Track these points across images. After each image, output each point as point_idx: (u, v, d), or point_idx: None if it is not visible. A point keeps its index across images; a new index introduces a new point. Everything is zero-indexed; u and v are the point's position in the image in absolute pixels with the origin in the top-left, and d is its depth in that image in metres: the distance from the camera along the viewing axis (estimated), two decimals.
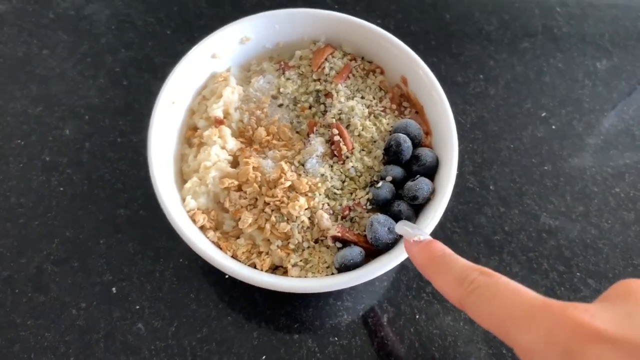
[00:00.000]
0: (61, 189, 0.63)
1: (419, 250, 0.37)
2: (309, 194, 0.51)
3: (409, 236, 0.40)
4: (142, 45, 0.72)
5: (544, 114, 0.71)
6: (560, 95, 0.72)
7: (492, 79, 0.73)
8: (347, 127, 0.55)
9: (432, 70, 0.56)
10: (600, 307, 0.25)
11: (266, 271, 0.50)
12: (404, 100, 0.59)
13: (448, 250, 0.36)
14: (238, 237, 0.53)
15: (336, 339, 0.57)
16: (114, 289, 0.59)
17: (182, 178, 0.56)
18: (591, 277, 0.62)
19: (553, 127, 0.70)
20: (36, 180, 0.64)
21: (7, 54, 0.71)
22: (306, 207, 0.51)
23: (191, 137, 0.57)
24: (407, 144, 0.53)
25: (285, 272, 0.51)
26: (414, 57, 0.56)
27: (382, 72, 0.60)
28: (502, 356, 0.57)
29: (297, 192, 0.51)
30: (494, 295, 0.29)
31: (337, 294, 0.59)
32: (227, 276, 0.54)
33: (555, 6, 0.79)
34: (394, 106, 0.58)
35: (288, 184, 0.51)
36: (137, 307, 0.58)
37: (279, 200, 0.51)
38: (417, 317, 0.59)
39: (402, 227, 0.43)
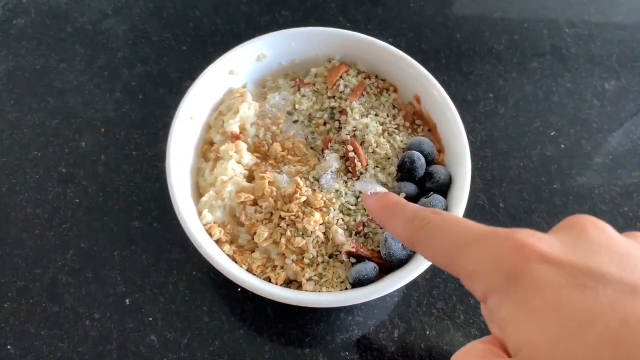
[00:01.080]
0: (77, 200, 0.64)
1: (376, 200, 0.37)
2: (324, 210, 0.52)
3: (367, 190, 0.41)
4: (158, 61, 0.73)
5: (553, 133, 0.72)
6: (569, 115, 0.73)
7: (502, 98, 0.74)
8: (362, 144, 0.56)
9: (443, 89, 0.57)
10: (548, 235, 0.25)
11: (281, 285, 0.51)
12: (417, 118, 0.60)
13: (402, 199, 0.37)
14: (253, 251, 0.53)
15: (347, 353, 0.57)
16: (127, 300, 0.59)
17: (198, 192, 0.57)
18: None
19: (562, 146, 0.71)
20: (52, 191, 0.65)
21: (26, 67, 0.72)
22: (321, 222, 0.51)
23: (207, 151, 0.58)
24: (421, 161, 0.53)
25: (299, 287, 0.52)
26: (427, 76, 0.57)
27: (395, 90, 0.61)
28: None
29: (312, 208, 0.52)
30: (443, 228, 0.29)
31: (349, 309, 0.59)
32: (239, 289, 0.55)
33: (564, 27, 0.80)
34: (408, 124, 0.59)
35: (304, 199, 0.52)
36: (151, 319, 0.58)
37: (295, 215, 0.51)
38: (427, 333, 0.59)
39: (362, 184, 0.44)
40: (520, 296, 0.23)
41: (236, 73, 0.59)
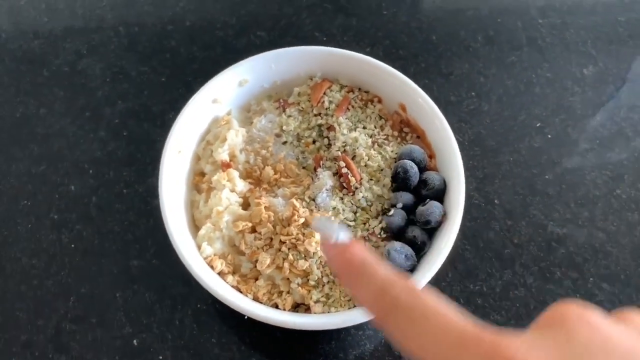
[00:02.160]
0: (72, 245, 0.63)
1: (337, 254, 0.31)
2: None
3: (326, 235, 0.33)
4: (139, 95, 0.73)
5: (538, 124, 0.72)
6: (551, 104, 0.74)
7: (484, 95, 0.74)
8: (353, 158, 0.56)
9: (425, 92, 0.57)
10: (535, 339, 0.22)
11: (289, 310, 0.50)
12: (404, 126, 0.60)
13: (369, 258, 0.30)
14: (257, 279, 0.53)
15: None
16: (135, 341, 0.58)
17: (194, 224, 0.56)
18: (605, 281, 0.63)
19: (549, 136, 0.72)
20: (46, 239, 0.64)
21: (5, 116, 0.72)
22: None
23: (199, 182, 0.58)
24: (413, 169, 0.54)
25: (307, 309, 0.52)
26: (410, 84, 0.58)
27: (380, 101, 0.61)
28: None
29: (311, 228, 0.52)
30: (422, 317, 0.25)
31: (358, 324, 0.59)
32: (246, 317, 0.54)
33: (537, 17, 0.81)
34: (396, 133, 0.59)
35: (302, 220, 0.52)
36: (160, 357, 0.57)
37: (295, 238, 0.51)
38: None
39: (318, 222, 0.37)
40: None
41: (219, 101, 0.59)
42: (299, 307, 0.52)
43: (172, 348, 0.58)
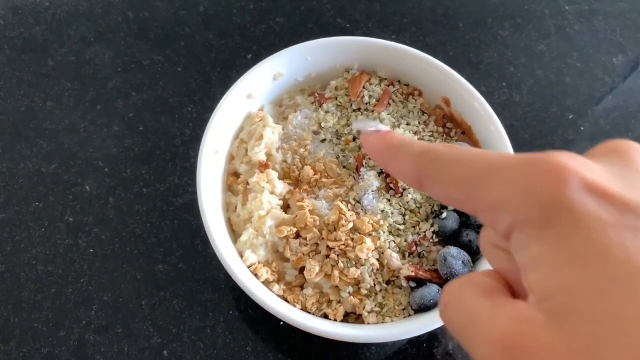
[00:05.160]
0: (91, 250, 0.59)
1: (377, 138, 0.30)
2: (373, 234, 0.49)
3: (366, 128, 0.32)
4: (153, 86, 0.68)
5: (571, 116, 0.70)
6: (583, 95, 0.72)
7: (514, 85, 0.72)
8: None
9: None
10: (591, 161, 0.21)
11: (339, 320, 0.48)
12: (447, 121, 0.57)
13: (409, 138, 0.30)
14: (302, 286, 0.50)
15: None
16: (165, 351, 0.55)
17: (230, 228, 0.53)
18: None
19: (582, 128, 0.70)
20: (62, 244, 0.59)
21: (9, 110, 0.66)
22: (373, 248, 0.48)
23: (234, 183, 0.54)
24: None
25: (357, 318, 0.49)
26: (456, 77, 0.55)
27: (420, 94, 0.58)
28: None
29: (360, 233, 0.49)
30: (459, 159, 0.23)
31: None
32: (282, 322, 0.52)
33: (564, 4, 0.78)
34: (440, 129, 0.56)
35: (350, 225, 0.49)
36: None
37: (344, 244, 0.48)
38: None
39: (359, 122, 0.37)
40: (559, 232, 0.19)
41: (253, 96, 0.55)
42: (348, 316, 0.49)
43: (204, 358, 0.55)
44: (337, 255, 0.48)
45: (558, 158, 0.20)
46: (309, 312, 0.48)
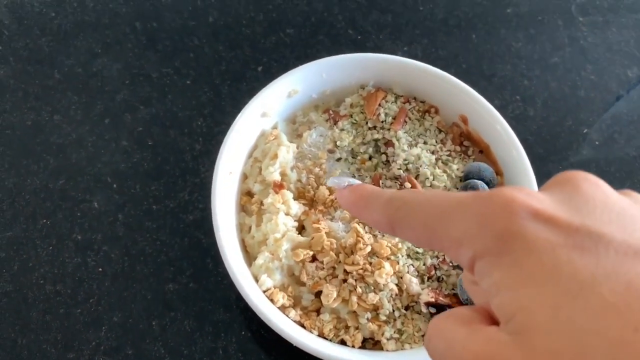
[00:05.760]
0: (100, 269, 0.58)
1: (350, 191, 0.32)
2: (392, 257, 0.48)
3: (340, 184, 0.35)
4: (162, 99, 0.67)
5: (585, 130, 0.69)
6: (597, 108, 0.71)
7: (529, 98, 0.71)
8: (416, 177, 0.52)
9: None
10: (538, 192, 0.23)
11: (358, 347, 0.47)
12: (464, 140, 0.56)
13: (379, 188, 0.33)
14: (318, 311, 0.49)
15: None
16: None
17: (244, 249, 0.52)
18: None
19: (596, 142, 0.69)
20: (70, 263, 0.58)
21: (15, 124, 0.65)
22: (392, 273, 0.47)
23: (247, 203, 0.53)
24: (485, 190, 0.50)
25: (375, 344, 0.48)
26: (473, 94, 0.54)
27: (437, 112, 0.57)
28: None
29: (379, 257, 0.48)
30: (421, 202, 0.26)
31: None
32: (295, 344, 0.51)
33: (578, 16, 0.77)
34: (457, 147, 0.55)
35: (368, 249, 0.48)
36: None
37: (362, 269, 0.47)
38: None
39: (333, 179, 0.39)
40: (514, 257, 0.21)
41: (268, 114, 0.54)
42: (366, 342, 0.48)
43: None
44: (355, 280, 0.47)
45: (507, 192, 0.22)
46: (326, 338, 0.47)
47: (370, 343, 0.48)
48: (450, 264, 0.49)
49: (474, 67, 0.72)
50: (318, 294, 0.48)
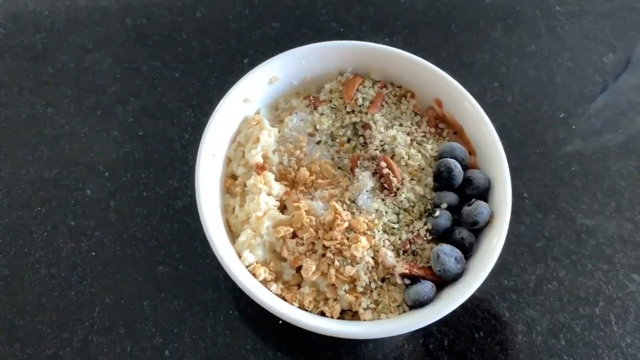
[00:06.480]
0: (93, 253, 0.61)
1: None
2: (368, 232, 0.50)
3: None
4: (152, 92, 0.70)
5: (562, 115, 0.71)
6: (574, 94, 0.73)
7: (507, 85, 0.73)
8: (392, 157, 0.54)
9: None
10: None
11: (336, 318, 0.49)
12: (439, 122, 0.58)
13: None
14: (299, 285, 0.51)
15: None
16: (166, 351, 0.56)
17: (229, 230, 0.54)
18: (635, 272, 0.63)
19: (573, 126, 0.71)
20: (65, 247, 0.61)
21: (11, 117, 0.67)
22: (368, 246, 0.49)
23: (231, 185, 0.55)
24: (457, 168, 0.52)
25: (354, 315, 0.50)
26: (447, 79, 0.56)
27: (413, 96, 0.59)
28: None
29: (356, 232, 0.50)
30: None
31: None
32: (280, 321, 0.53)
33: (554, 5, 0.79)
34: (432, 129, 0.57)
35: (345, 225, 0.50)
36: None
37: (340, 243, 0.49)
38: (476, 335, 0.58)
39: None
40: None
41: (249, 100, 0.56)
42: (344, 313, 0.51)
43: (205, 357, 0.56)
44: (333, 254, 0.49)
45: None
46: (307, 310, 0.49)
47: (349, 315, 0.50)
48: (425, 239, 0.51)
49: (453, 57, 0.75)
50: (299, 269, 0.51)
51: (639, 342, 0.60)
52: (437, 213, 0.51)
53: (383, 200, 0.53)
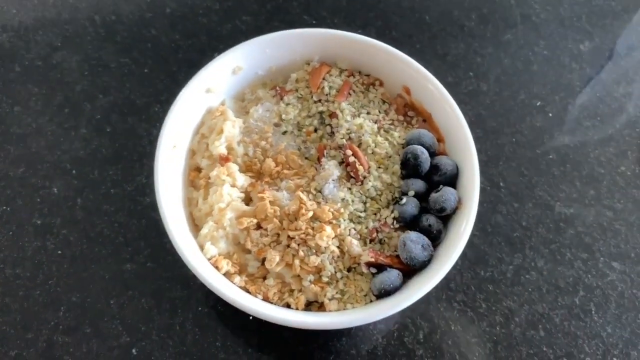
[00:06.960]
0: (59, 252, 0.59)
1: None
2: (334, 222, 0.49)
3: None
4: (120, 88, 0.68)
5: (539, 103, 0.71)
6: (550, 82, 0.72)
7: (482, 75, 0.72)
8: (359, 145, 0.53)
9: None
10: None
11: (301, 309, 0.47)
12: (408, 110, 0.57)
13: None
14: (264, 277, 0.50)
15: None
16: (134, 350, 0.55)
17: (193, 223, 0.53)
18: (615, 260, 0.62)
19: (550, 114, 0.70)
20: (30, 246, 0.59)
21: None
22: (333, 235, 0.48)
23: (195, 178, 0.54)
24: (424, 155, 0.51)
25: (320, 307, 0.49)
26: (414, 66, 0.55)
27: (381, 84, 0.58)
28: (543, 354, 0.56)
29: (321, 222, 0.49)
30: None
31: None
32: (251, 317, 0.52)
33: None
34: (401, 117, 0.56)
35: (310, 214, 0.49)
36: None
37: (304, 233, 0.48)
38: (452, 328, 0.57)
39: None
40: None
41: (212, 90, 0.55)
42: (311, 304, 0.49)
43: (174, 355, 0.55)
44: (298, 245, 0.48)
45: None
46: (271, 302, 0.48)
47: (316, 306, 0.49)
48: (392, 227, 0.50)
49: (427, 47, 0.74)
50: (264, 261, 0.49)
51: (620, 331, 0.58)
52: (404, 200, 0.50)
53: (349, 189, 0.51)
